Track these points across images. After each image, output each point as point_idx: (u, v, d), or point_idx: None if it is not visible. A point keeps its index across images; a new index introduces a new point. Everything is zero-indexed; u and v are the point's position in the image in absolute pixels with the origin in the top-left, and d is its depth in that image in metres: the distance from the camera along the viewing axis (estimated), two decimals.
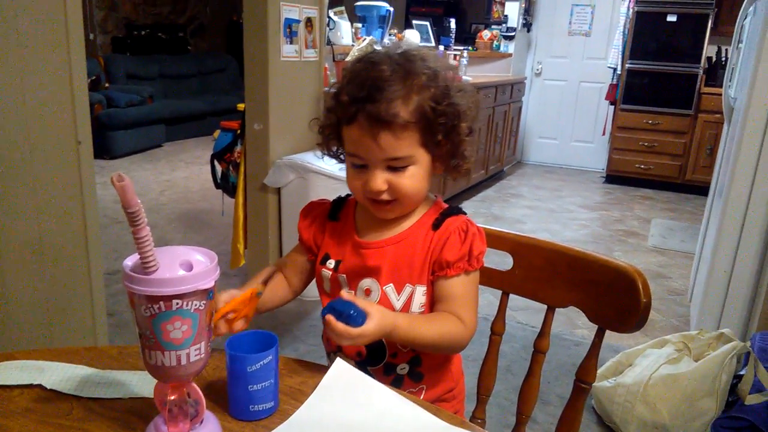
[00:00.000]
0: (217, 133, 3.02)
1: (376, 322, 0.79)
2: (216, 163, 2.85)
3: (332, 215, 1.01)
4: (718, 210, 2.41)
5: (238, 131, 2.71)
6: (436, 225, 0.93)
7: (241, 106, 2.65)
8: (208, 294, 0.60)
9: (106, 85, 6.04)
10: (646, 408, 1.81)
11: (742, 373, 1.86)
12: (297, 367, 0.81)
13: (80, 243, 1.81)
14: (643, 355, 2.01)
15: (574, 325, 2.51)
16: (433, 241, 0.92)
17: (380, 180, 0.87)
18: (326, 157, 0.99)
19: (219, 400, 0.72)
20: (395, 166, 0.87)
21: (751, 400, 1.82)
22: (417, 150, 0.88)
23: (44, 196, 1.68)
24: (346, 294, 0.83)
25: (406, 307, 0.92)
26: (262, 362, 0.67)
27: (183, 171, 5.27)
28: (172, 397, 0.62)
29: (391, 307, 0.92)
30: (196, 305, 0.59)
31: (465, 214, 0.96)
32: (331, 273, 0.96)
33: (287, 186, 2.58)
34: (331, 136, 0.94)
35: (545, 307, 1.02)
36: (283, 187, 2.61)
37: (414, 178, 0.89)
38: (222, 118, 4.35)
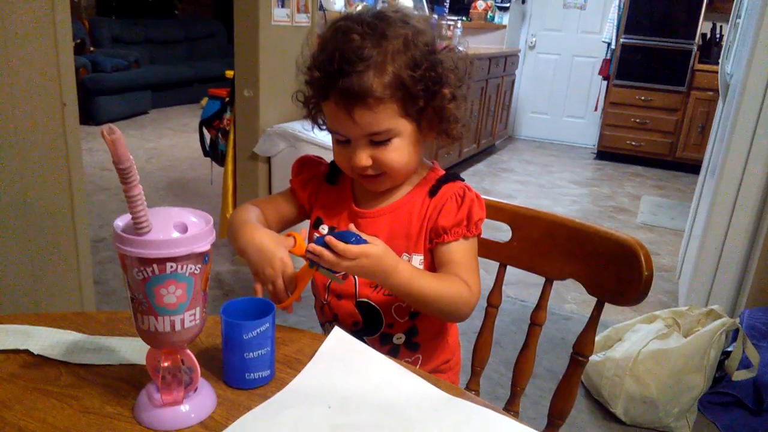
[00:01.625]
0: (204, 100, 2.95)
1: (381, 247, 0.75)
2: (205, 130, 2.79)
3: (330, 179, 0.97)
4: (711, 188, 2.41)
5: (227, 99, 2.65)
6: (433, 192, 0.90)
7: (229, 73, 2.59)
8: (203, 258, 0.57)
9: (91, 48, 5.88)
10: (635, 382, 1.82)
11: (730, 349, 1.88)
12: (293, 335, 0.79)
13: (66, 207, 1.77)
14: (632, 330, 2.02)
15: (563, 300, 2.52)
16: (429, 208, 0.89)
17: (363, 156, 0.84)
18: (316, 129, 0.95)
19: (214, 368, 0.69)
20: (377, 140, 0.84)
21: (739, 376, 1.85)
22: (398, 121, 0.83)
23: (29, 159, 1.63)
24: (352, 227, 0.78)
25: None
26: (258, 329, 0.65)
27: (170, 139, 5.17)
28: (166, 364, 0.60)
29: None
30: (191, 269, 0.56)
31: (463, 180, 0.93)
32: None
33: (278, 155, 2.54)
34: (314, 109, 0.91)
35: (536, 282, 1.01)
36: (273, 156, 2.56)
37: (399, 151, 0.85)
38: (210, 86, 4.25)
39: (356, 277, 0.91)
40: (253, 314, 0.68)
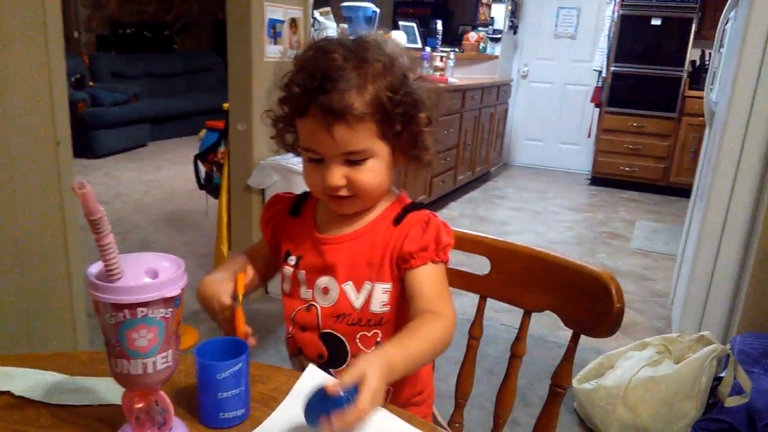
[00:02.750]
0: (203, 132, 3.00)
1: (374, 372, 0.65)
2: (199, 163, 2.83)
3: (294, 210, 0.98)
4: (700, 212, 2.44)
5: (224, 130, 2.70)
6: (398, 220, 0.90)
7: (226, 106, 2.64)
8: (174, 302, 0.59)
9: (91, 83, 5.98)
10: (627, 410, 1.82)
11: (722, 375, 1.88)
12: (270, 373, 0.81)
13: (59, 244, 1.79)
14: (624, 357, 2.02)
15: (557, 327, 2.52)
16: (393, 236, 0.88)
17: (338, 175, 0.83)
18: (281, 150, 0.97)
19: (189, 407, 0.71)
20: (353, 159, 0.83)
21: (731, 402, 1.84)
22: (375, 142, 0.84)
23: (22, 197, 1.66)
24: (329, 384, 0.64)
25: (366, 306, 0.89)
26: (232, 369, 0.67)
27: (168, 171, 5.23)
28: (139, 405, 0.62)
29: (350, 306, 0.89)
30: (161, 313, 0.58)
31: (427, 209, 0.92)
32: (292, 270, 0.94)
33: (271, 187, 2.57)
34: (285, 129, 0.91)
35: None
36: (267, 188, 2.60)
37: (373, 172, 0.85)
38: (208, 118, 4.32)
39: (319, 307, 0.91)
40: (229, 354, 0.69)
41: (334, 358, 0.92)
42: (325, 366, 0.90)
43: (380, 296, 0.89)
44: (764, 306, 2.13)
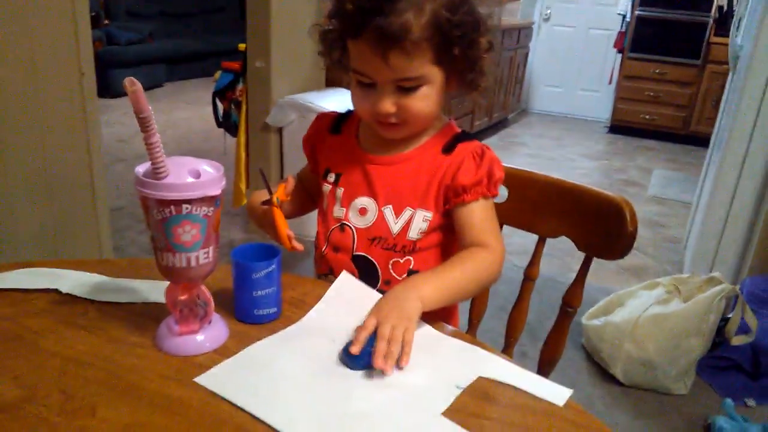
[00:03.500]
0: (218, 73, 3.00)
1: (390, 314, 0.69)
2: (218, 101, 2.85)
3: (335, 128, 0.96)
4: (717, 159, 2.43)
5: (240, 71, 2.70)
6: (448, 149, 0.88)
7: (242, 46, 2.63)
8: (215, 201, 0.63)
9: (106, 21, 5.94)
10: (634, 345, 1.88)
11: (730, 316, 1.92)
12: (298, 281, 0.86)
13: (85, 175, 1.84)
14: (634, 296, 2.07)
15: (568, 268, 2.57)
16: (443, 165, 0.87)
17: (389, 102, 0.81)
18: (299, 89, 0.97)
19: (226, 306, 0.76)
20: (406, 86, 0.80)
21: (737, 341, 1.89)
22: (430, 68, 0.80)
23: (49, 128, 1.70)
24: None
25: (404, 232, 0.88)
26: (265, 270, 0.72)
27: (184, 111, 5.25)
28: (183, 297, 0.67)
29: (387, 230, 0.88)
30: (204, 211, 0.62)
31: (478, 140, 0.90)
32: (330, 187, 0.93)
33: (289, 125, 2.59)
34: (334, 45, 0.85)
35: (545, 253, 1.05)
36: (284, 127, 2.62)
37: (426, 100, 0.82)
38: (223, 59, 4.30)
39: (354, 228, 0.90)
40: (263, 257, 0.74)
41: (364, 280, 0.90)
42: None
43: (419, 224, 0.88)
44: None
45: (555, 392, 0.66)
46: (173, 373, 0.64)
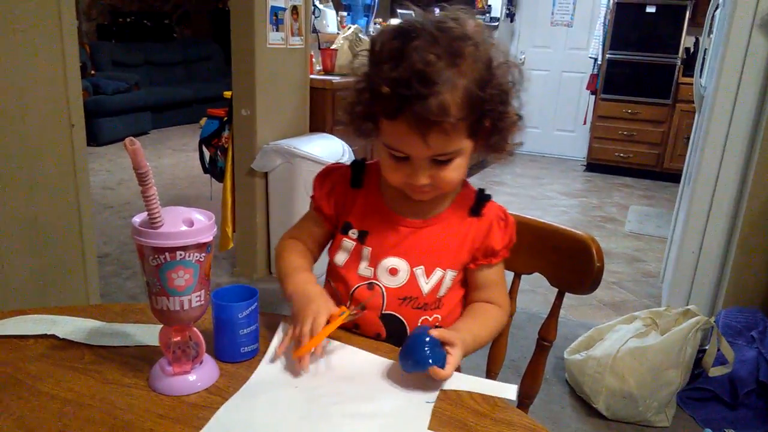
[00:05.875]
0: (203, 120, 3.08)
1: (458, 348, 0.78)
2: (204, 148, 2.91)
3: (355, 182, 0.95)
4: (688, 194, 2.53)
5: (225, 118, 2.78)
6: (476, 211, 0.92)
7: (227, 94, 2.72)
8: (207, 247, 0.68)
9: (92, 72, 6.04)
10: (615, 378, 1.92)
11: (706, 347, 1.98)
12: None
13: (74, 223, 1.87)
14: (613, 330, 2.12)
15: (549, 304, 2.62)
16: (473, 228, 0.91)
17: (424, 176, 0.82)
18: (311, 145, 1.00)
19: (207, 346, 0.79)
20: (441, 159, 0.82)
21: (715, 372, 1.94)
22: (464, 141, 0.82)
23: (39, 177, 1.73)
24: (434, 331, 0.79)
25: (434, 292, 0.91)
26: (250, 309, 0.77)
27: (170, 158, 5.31)
28: (176, 339, 0.71)
29: (418, 290, 0.90)
30: (196, 257, 0.67)
31: (495, 201, 0.96)
32: (354, 244, 0.92)
33: (274, 170, 2.66)
34: (365, 119, 0.85)
35: (528, 290, 1.10)
36: (270, 172, 2.68)
37: (459, 169, 0.84)
38: (208, 106, 4.39)
39: (383, 287, 0.91)
40: (239, 297, 0.78)
41: (392, 338, 0.91)
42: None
43: (447, 283, 0.92)
44: (748, 282, 2.23)
45: (504, 389, 0.78)
46: (167, 411, 0.68)
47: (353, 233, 0.92)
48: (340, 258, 0.93)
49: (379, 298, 0.91)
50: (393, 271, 0.90)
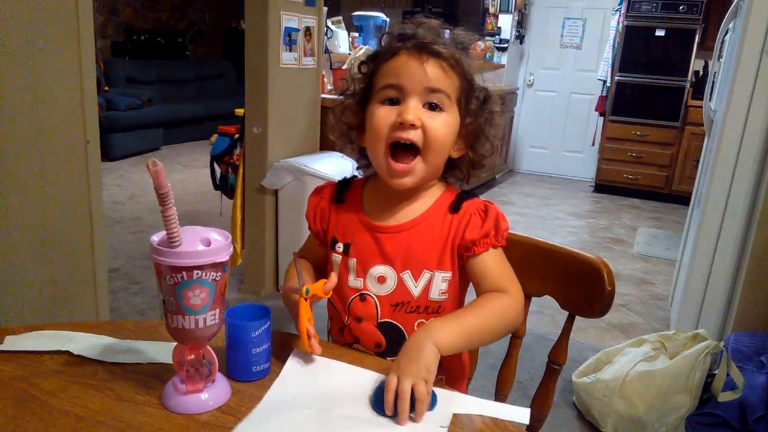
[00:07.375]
0: (214, 137, 3.11)
1: (407, 373, 0.73)
2: (215, 165, 2.94)
3: (337, 197, 0.98)
4: (697, 218, 2.52)
5: (236, 135, 2.81)
6: (454, 208, 0.92)
7: (239, 111, 2.75)
8: (223, 267, 0.69)
9: (106, 88, 6.12)
10: (623, 402, 1.90)
11: (716, 372, 1.96)
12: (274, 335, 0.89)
13: (86, 238, 1.89)
14: (621, 353, 2.11)
15: (557, 326, 2.60)
16: (453, 225, 0.90)
17: (416, 111, 0.85)
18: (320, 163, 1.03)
19: (221, 366, 0.80)
20: (432, 101, 0.86)
21: (724, 397, 1.92)
22: (453, 100, 0.88)
23: (53, 192, 1.76)
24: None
25: (425, 294, 0.91)
26: (263, 328, 0.77)
27: (180, 174, 5.35)
28: (190, 358, 0.71)
29: (408, 294, 0.91)
30: (213, 276, 0.68)
31: (479, 197, 0.95)
32: (341, 257, 0.94)
33: (284, 188, 2.68)
34: (350, 112, 0.93)
35: (536, 311, 1.10)
36: (280, 189, 2.70)
37: (444, 127, 0.87)
38: (218, 123, 4.44)
39: (375, 296, 0.92)
40: (251, 316, 0.79)
41: (392, 346, 0.92)
42: (383, 355, 0.93)
43: (439, 284, 0.91)
44: (757, 307, 2.22)
45: (517, 414, 0.77)
46: (180, 430, 0.68)
47: (339, 247, 0.94)
48: (335, 272, 0.95)
49: (373, 308, 0.92)
50: (381, 279, 0.92)
